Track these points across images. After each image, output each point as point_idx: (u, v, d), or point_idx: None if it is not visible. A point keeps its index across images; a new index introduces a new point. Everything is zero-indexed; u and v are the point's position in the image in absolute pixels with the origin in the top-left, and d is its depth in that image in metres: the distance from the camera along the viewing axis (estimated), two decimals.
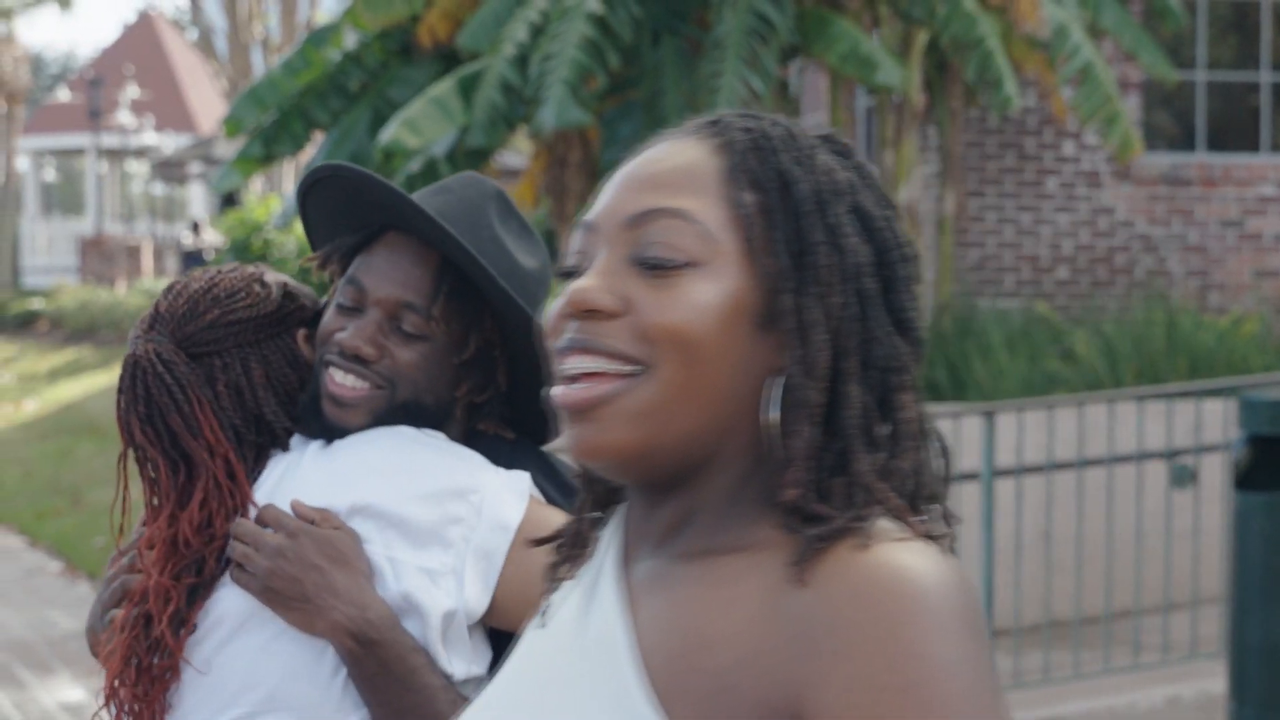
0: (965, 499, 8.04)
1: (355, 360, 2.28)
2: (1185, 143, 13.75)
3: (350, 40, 12.75)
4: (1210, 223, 13.45)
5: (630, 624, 1.51)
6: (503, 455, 2.35)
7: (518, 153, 17.27)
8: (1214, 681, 7.51)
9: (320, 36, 12.83)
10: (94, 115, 35.06)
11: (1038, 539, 8.49)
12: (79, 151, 43.74)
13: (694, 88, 10.83)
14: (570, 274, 1.55)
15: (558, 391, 1.52)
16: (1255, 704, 5.72)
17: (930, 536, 1.46)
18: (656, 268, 1.49)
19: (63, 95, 40.76)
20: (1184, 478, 7.70)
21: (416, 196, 2.32)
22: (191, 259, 28.13)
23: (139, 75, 39.78)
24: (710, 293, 1.49)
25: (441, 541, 2.23)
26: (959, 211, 13.04)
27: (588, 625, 1.55)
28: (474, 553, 2.23)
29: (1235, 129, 13.83)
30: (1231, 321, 11.28)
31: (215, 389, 2.31)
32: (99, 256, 33.44)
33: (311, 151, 14.02)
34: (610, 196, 1.56)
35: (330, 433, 2.31)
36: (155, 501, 2.30)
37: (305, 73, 12.58)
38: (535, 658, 1.58)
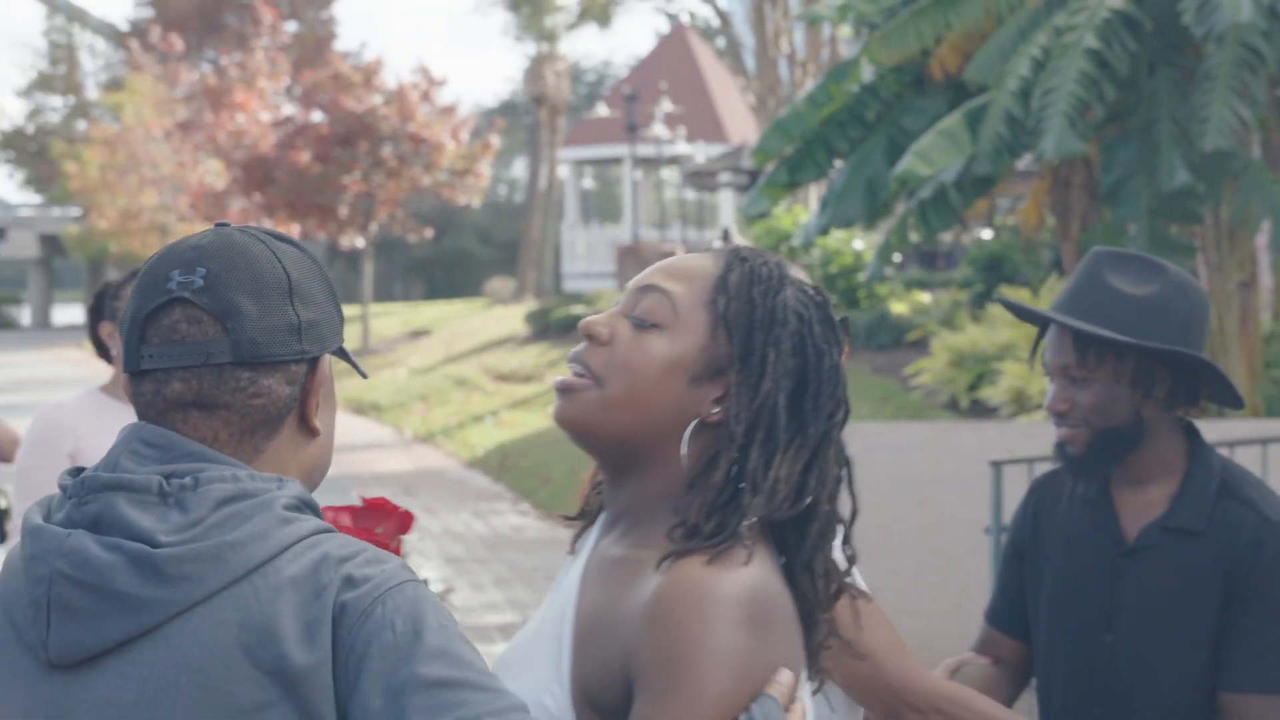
0: None
1: (1061, 415, 3.26)
2: None
3: (867, 74, 13.46)
4: None
5: (575, 604, 2.11)
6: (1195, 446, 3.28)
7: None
8: None
9: (840, 72, 13.63)
10: (631, 129, 36.21)
11: None
12: (615, 161, 45.25)
13: (1186, 116, 11.27)
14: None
15: (559, 377, 2.15)
16: None
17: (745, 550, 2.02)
18: (638, 324, 2.14)
19: (601, 110, 42.28)
20: None
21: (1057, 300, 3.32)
22: None
23: (671, 86, 41.18)
24: (663, 348, 2.11)
25: None
26: None
27: (559, 596, 2.16)
28: None
29: None
30: None
31: None
32: (635, 263, 33.60)
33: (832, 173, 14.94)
34: (645, 272, 2.20)
35: (1075, 468, 3.27)
36: None
37: (827, 106, 13.46)
38: (541, 612, 2.20)
